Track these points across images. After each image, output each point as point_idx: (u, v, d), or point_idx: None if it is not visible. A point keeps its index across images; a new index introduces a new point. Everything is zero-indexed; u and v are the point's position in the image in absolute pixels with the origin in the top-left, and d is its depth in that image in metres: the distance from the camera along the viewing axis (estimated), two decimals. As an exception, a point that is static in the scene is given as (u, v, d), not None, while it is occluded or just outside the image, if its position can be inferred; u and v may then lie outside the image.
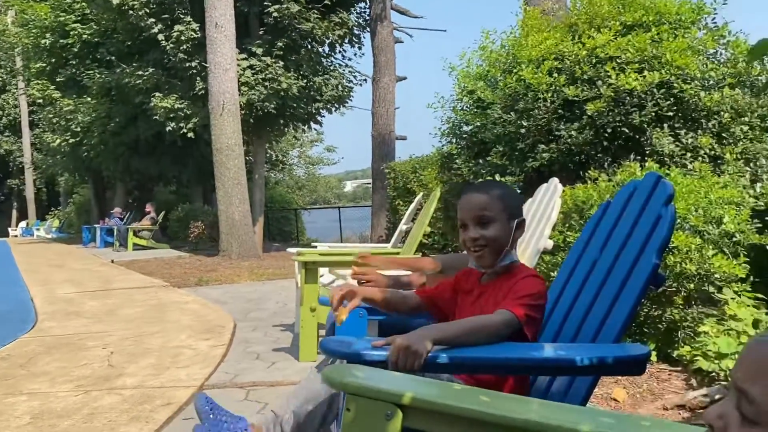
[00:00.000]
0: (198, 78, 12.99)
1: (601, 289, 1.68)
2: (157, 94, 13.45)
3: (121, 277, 9.44)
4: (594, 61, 5.10)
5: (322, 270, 4.24)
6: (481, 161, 5.66)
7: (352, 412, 1.06)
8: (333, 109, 15.35)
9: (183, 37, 12.82)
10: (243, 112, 12.32)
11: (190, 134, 13.66)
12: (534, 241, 2.88)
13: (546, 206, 2.98)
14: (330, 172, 44.37)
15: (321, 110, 15.04)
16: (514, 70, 5.48)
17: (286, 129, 16.02)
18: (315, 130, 24.93)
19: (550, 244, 2.94)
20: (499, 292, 1.67)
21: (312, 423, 1.68)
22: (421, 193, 6.67)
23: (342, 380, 1.09)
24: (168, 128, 13.68)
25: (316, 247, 5.23)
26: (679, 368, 3.60)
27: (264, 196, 15.05)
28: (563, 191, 3.49)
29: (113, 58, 15.72)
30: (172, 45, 12.99)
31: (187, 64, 13.03)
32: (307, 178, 38.33)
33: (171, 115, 13.43)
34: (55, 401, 3.21)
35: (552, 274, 3.87)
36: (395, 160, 11.48)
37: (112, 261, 12.22)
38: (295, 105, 13.84)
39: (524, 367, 1.49)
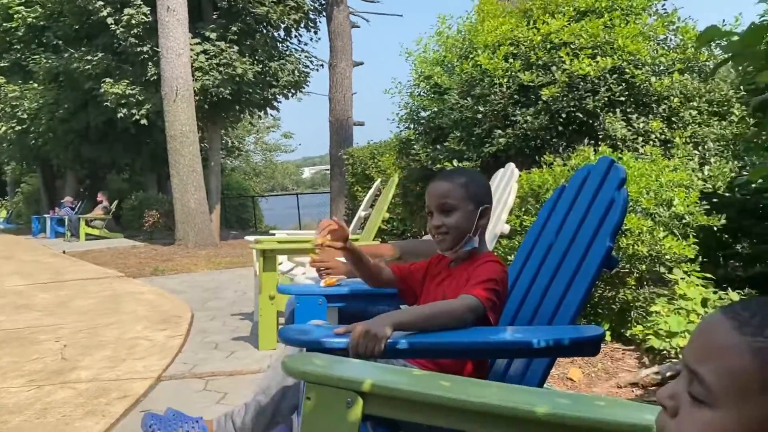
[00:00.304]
0: (150, 63, 12.67)
1: (557, 273, 1.71)
2: (108, 79, 13.08)
3: (73, 268, 9.20)
4: (548, 46, 5.16)
5: (280, 258, 4.21)
6: (438, 147, 5.69)
7: (313, 401, 1.05)
8: (289, 94, 15.19)
9: (133, 21, 12.47)
10: (197, 98, 12.08)
11: (143, 121, 13.35)
12: (491, 226, 2.91)
13: (503, 191, 3.01)
14: (287, 159, 43.94)
15: (277, 96, 14.87)
16: (471, 56, 5.51)
17: (241, 115, 15.81)
18: (271, 116, 24.63)
19: (507, 228, 2.98)
20: (461, 278, 1.69)
21: (264, 414, 1.66)
22: (380, 179, 6.67)
23: (301, 369, 1.08)
24: (119, 115, 13.34)
25: (274, 234, 5.19)
26: (632, 347, 3.71)
27: (220, 184, 14.83)
28: (519, 176, 3.53)
29: (60, 42, 15.21)
30: (122, 29, 12.63)
31: (138, 49, 12.69)
32: (264, 164, 37.90)
33: (122, 102, 13.09)
34: (6, 397, 3.12)
35: (509, 258, 3.92)
36: (353, 146, 11.43)
37: (64, 252, 11.88)
38: (250, 90, 13.65)
39: (482, 351, 1.51)
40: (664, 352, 3.42)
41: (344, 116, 13.39)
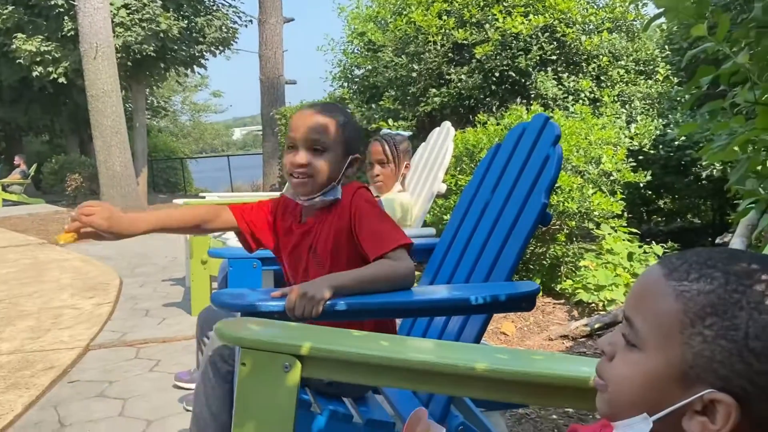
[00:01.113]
0: (66, 17, 11.93)
1: (493, 230, 1.71)
2: (20, 35, 12.24)
3: (-11, 235, 8.72)
4: (482, 3, 5.14)
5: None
6: (373, 106, 5.63)
7: (248, 367, 1.01)
8: (217, 51, 14.67)
9: (45, -30, 11.68)
10: (119, 55, 11.49)
11: (61, 80, 12.63)
12: (428, 185, 2.90)
13: (439, 150, 3.00)
14: (217, 120, 42.63)
15: (204, 53, 14.33)
16: (404, 12, 5.43)
17: (167, 73, 15.17)
18: (199, 74, 23.76)
19: (443, 187, 2.98)
20: (330, 231, 1.53)
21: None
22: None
23: (236, 334, 1.04)
24: (35, 73, 12.57)
25: (204, 197, 5.04)
26: (562, 301, 3.83)
27: (146, 145, 14.29)
28: (454, 135, 3.53)
29: (-36, -7, 14.09)
30: (32, -21, 11.81)
31: (53, 2, 11.91)
32: (193, 125, 36.73)
33: (37, 59, 12.31)
34: None
35: (445, 217, 3.95)
36: (285, 106, 11.20)
37: (-21, 219, 11.23)
38: (176, 47, 13.09)
39: (421, 310, 1.51)
40: (593, 304, 3.55)
41: (275, 75, 13.05)
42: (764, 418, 0.58)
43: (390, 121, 5.21)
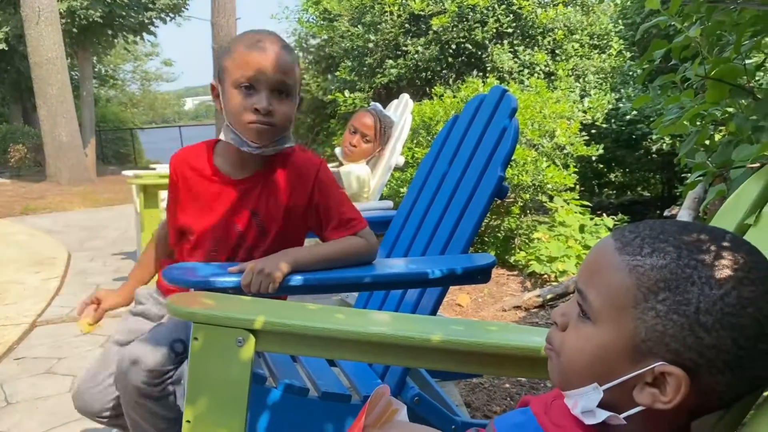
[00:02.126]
0: (5, -21, 11.37)
1: (449, 203, 1.71)
2: (-45, -4, 11.63)
3: (-73, 208, 8.34)
4: (439, -26, 5.09)
5: (163, 194, 4.00)
6: (329, 76, 5.55)
7: (200, 342, 0.99)
8: (168, 18, 14.23)
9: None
10: (64, 20, 11.03)
11: (2, 46, 12.06)
12: (386, 158, 2.89)
13: (398, 122, 2.98)
14: (168, 89, 41.52)
15: (154, 20, 13.88)
16: (361, -19, 5.35)
17: (115, 40, 14.66)
18: (149, 42, 23.04)
19: (401, 160, 2.97)
20: (279, 197, 1.39)
21: None
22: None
23: (188, 309, 1.01)
24: (-28, 38, 11.98)
25: (155, 169, 4.91)
26: (516, 272, 3.89)
27: (94, 115, 13.84)
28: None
29: None
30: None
31: (-10, -38, 11.33)
32: (143, 95, 35.69)
33: (-26, 23, 11.73)
34: None
35: (402, 190, 3.95)
36: (239, 76, 10.96)
37: None
38: (124, 14, 12.64)
39: (379, 284, 1.50)
40: (545, 276, 3.62)
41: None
42: (711, 388, 0.59)
43: (346, 93, 5.16)
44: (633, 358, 0.61)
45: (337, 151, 2.76)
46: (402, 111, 3.02)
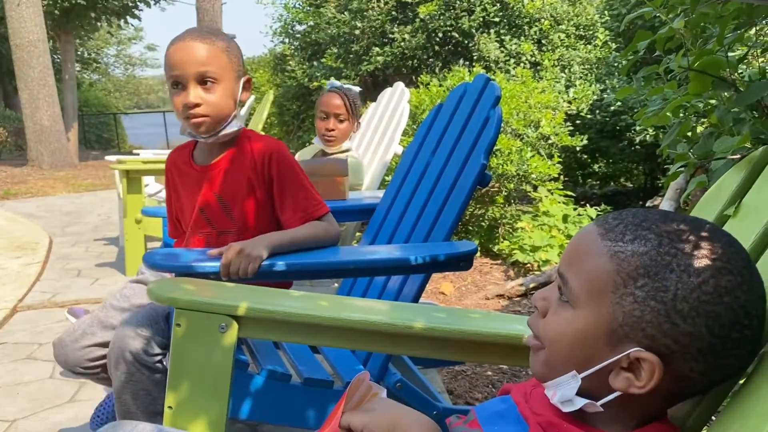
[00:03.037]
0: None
1: (433, 191, 1.72)
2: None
3: None
4: (426, -38, 5.07)
5: (146, 179, 3.97)
6: (315, 63, 5.52)
7: (183, 328, 0.99)
8: (152, 2, 14.04)
9: None
10: (46, 2, 10.85)
11: (-19, 26, 11.85)
12: (384, 147, 2.88)
13: (394, 111, 2.97)
14: (153, 74, 41.00)
15: (138, 3, 13.70)
16: (348, -32, 5.31)
17: (98, 23, 14.44)
18: (132, 26, 22.74)
19: (400, 149, 2.92)
20: (239, 182, 1.44)
21: None
22: (253, 97, 6.40)
23: (170, 295, 1.01)
24: (-49, 18, 11.74)
25: (138, 154, 4.87)
26: (499, 261, 3.92)
27: (77, 99, 13.66)
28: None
29: None
30: None
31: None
32: (126, 79, 35.26)
33: (-47, 3, 11.49)
34: None
35: (386, 178, 3.95)
36: (224, 61, 10.86)
37: None
38: (107, -4, 12.45)
39: (361, 270, 1.50)
40: (528, 265, 3.64)
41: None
42: (685, 375, 0.60)
43: (332, 79, 5.14)
44: (610, 344, 0.62)
45: (316, 141, 2.71)
46: (398, 100, 3.00)
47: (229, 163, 1.45)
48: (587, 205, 4.25)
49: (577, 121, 4.83)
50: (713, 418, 0.71)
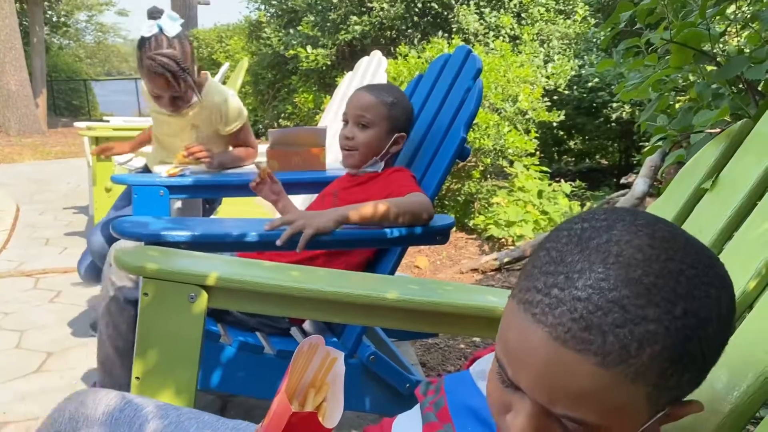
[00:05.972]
0: None
1: (412, 163, 1.70)
2: None
3: None
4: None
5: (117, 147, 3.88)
6: (291, 31, 5.42)
7: (151, 297, 0.96)
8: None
9: None
10: (11, -39, 10.46)
11: (-57, -15, 11.39)
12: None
13: (371, 80, 2.92)
14: (125, 43, 39.96)
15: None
16: (326, -66, 5.19)
17: (67, -15, 13.99)
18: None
19: None
20: (359, 195, 1.59)
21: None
22: (227, 64, 6.28)
23: (137, 263, 0.98)
24: None
25: (108, 121, 4.75)
26: (474, 236, 3.92)
27: (45, 64, 13.26)
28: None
29: None
30: None
31: None
32: (98, 47, 34.34)
33: None
34: None
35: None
36: (197, 28, 10.63)
37: None
38: (77, -42, 12.04)
39: (337, 242, 1.48)
40: (503, 239, 3.65)
41: (188, -5, 12.32)
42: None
43: (309, 48, 5.04)
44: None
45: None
46: (375, 69, 2.96)
47: (355, 191, 1.64)
48: (562, 180, 4.27)
49: (555, 97, 4.82)
50: None
